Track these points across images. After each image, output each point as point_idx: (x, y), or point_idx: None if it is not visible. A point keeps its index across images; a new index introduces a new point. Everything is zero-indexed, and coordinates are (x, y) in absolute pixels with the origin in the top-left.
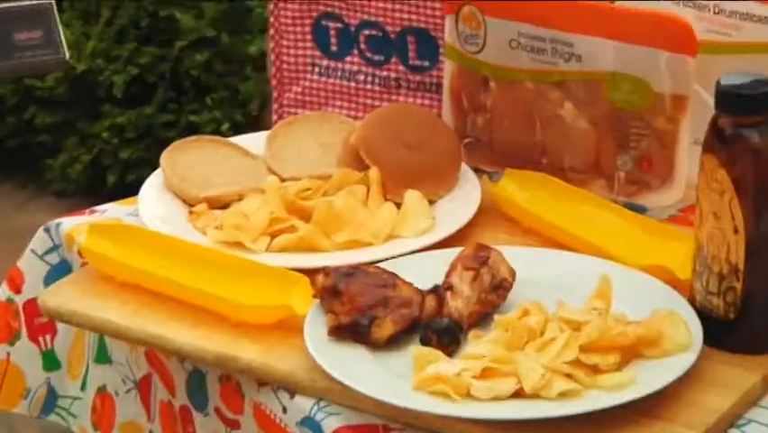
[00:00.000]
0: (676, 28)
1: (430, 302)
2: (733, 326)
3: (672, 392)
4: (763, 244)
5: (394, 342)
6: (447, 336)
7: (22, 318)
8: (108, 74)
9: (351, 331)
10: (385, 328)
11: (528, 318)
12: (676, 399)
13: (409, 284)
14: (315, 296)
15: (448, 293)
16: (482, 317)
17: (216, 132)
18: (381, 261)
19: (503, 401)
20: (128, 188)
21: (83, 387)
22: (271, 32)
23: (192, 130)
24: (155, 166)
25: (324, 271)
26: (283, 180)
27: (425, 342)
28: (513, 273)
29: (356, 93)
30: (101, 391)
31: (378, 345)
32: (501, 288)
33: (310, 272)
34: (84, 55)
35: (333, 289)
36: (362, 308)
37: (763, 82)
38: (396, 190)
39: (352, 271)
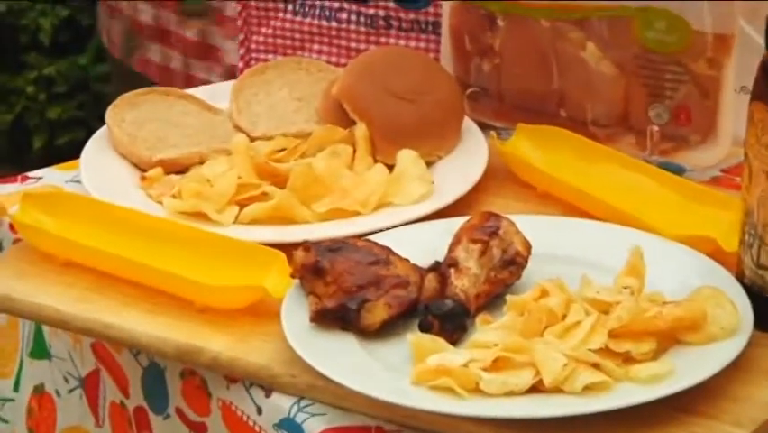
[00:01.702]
0: None
1: (430, 282)
2: None
3: (716, 385)
4: None
5: (388, 329)
6: (451, 321)
7: None
8: (33, 16)
9: (337, 317)
10: (377, 313)
11: (547, 299)
12: (721, 392)
13: (405, 261)
14: (293, 276)
15: (452, 271)
16: (492, 299)
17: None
18: (371, 233)
19: (518, 397)
20: (57, 154)
21: (16, 387)
22: None
23: None
24: (90, 127)
25: (304, 245)
26: (252, 139)
27: (424, 328)
28: (528, 246)
29: (338, 34)
30: (38, 390)
31: (369, 333)
32: (514, 263)
33: (287, 248)
34: None
35: (314, 267)
36: (350, 289)
37: None
38: (387, 150)
39: (338, 245)
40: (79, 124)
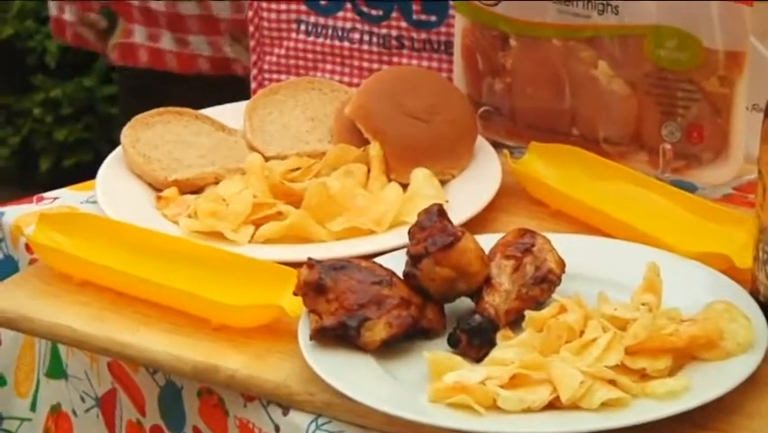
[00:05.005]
0: None
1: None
2: None
3: (732, 401)
4: None
5: (404, 347)
6: (479, 337)
7: None
8: (39, 39)
9: (337, 334)
10: (377, 332)
11: (566, 315)
12: (738, 408)
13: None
14: (295, 293)
15: (483, 286)
16: (521, 316)
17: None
18: (385, 252)
19: (536, 414)
20: (65, 176)
21: (33, 406)
22: None
23: None
24: (97, 149)
25: (308, 262)
26: (267, 159)
27: (452, 343)
28: (562, 264)
29: (350, 54)
30: (55, 410)
31: (369, 351)
32: (546, 281)
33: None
34: (9, 17)
35: (317, 284)
36: (351, 307)
37: None
38: (401, 169)
39: (342, 264)
40: (86, 146)
